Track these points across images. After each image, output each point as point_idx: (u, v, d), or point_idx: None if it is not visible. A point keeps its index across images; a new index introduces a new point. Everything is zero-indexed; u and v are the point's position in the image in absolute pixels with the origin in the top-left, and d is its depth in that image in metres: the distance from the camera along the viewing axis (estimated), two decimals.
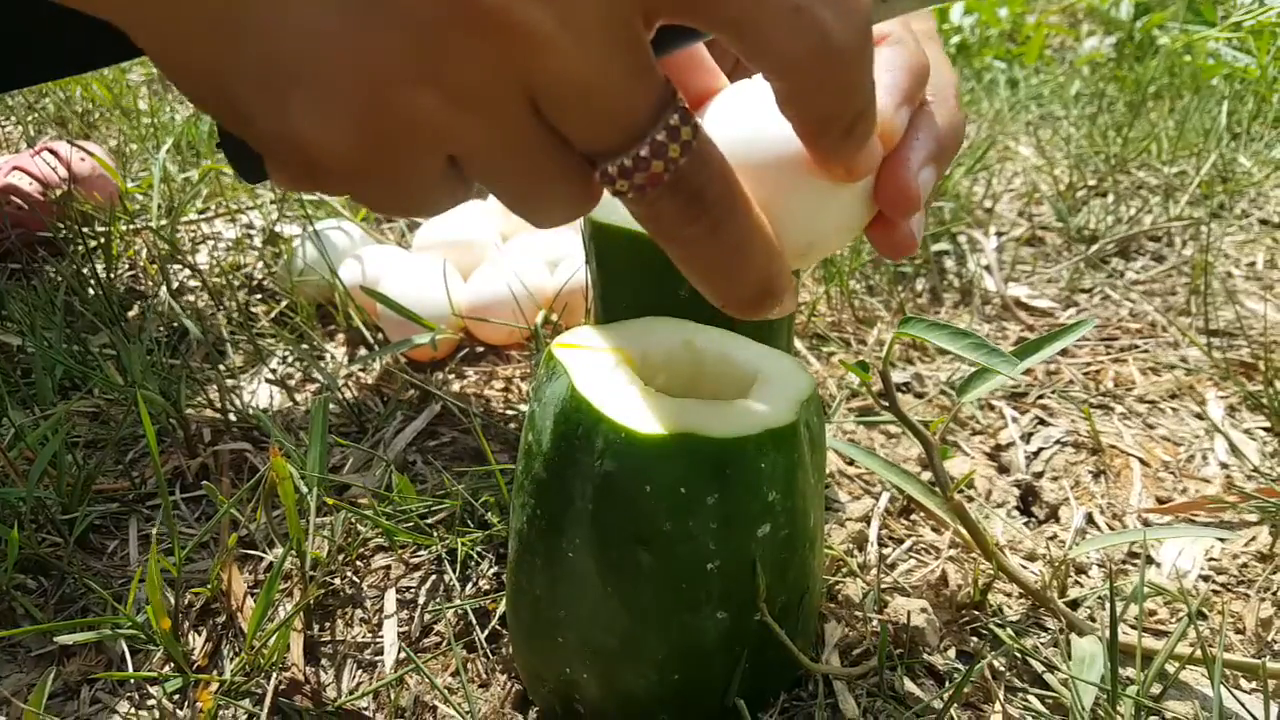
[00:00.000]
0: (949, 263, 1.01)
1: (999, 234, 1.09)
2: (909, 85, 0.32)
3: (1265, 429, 0.72)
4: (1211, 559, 0.59)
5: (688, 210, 0.27)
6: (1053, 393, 0.77)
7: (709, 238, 0.28)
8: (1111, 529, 0.62)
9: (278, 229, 1.00)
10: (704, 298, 0.53)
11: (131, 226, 0.99)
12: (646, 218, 0.28)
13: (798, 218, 0.31)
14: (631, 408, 0.37)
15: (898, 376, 0.80)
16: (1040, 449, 0.70)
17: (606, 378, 0.39)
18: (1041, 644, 0.51)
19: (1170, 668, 0.47)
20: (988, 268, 0.99)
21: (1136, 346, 0.85)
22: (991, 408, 0.75)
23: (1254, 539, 0.60)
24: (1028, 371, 0.80)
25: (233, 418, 0.68)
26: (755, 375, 0.42)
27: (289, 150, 0.26)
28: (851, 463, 0.66)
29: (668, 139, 0.26)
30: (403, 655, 0.50)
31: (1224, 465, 0.68)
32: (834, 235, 0.33)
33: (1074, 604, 0.54)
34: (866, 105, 0.28)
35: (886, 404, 0.50)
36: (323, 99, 0.24)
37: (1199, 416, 0.74)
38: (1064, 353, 0.83)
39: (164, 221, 0.99)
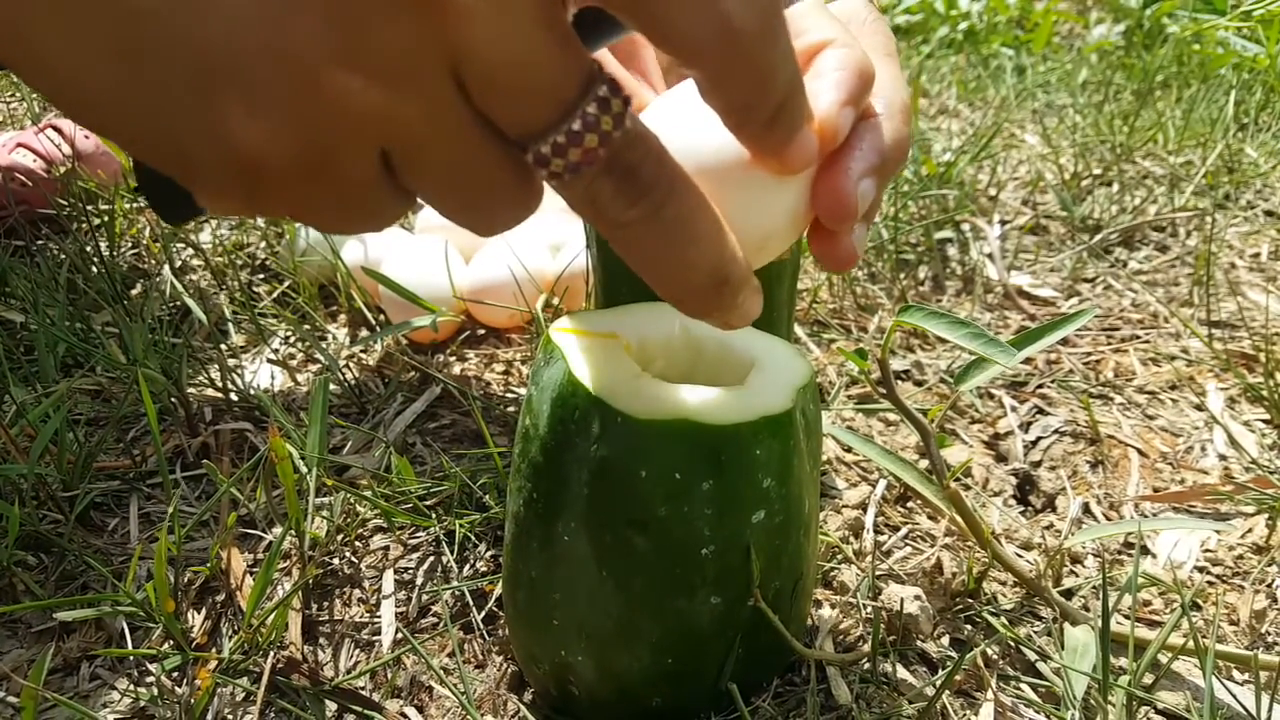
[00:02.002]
0: (952, 250, 1.01)
1: (1003, 222, 1.08)
2: (853, 86, 0.31)
3: (1265, 421, 0.72)
4: (1207, 550, 0.59)
5: (626, 191, 0.27)
6: (1053, 382, 0.77)
7: (651, 221, 0.27)
8: (1108, 519, 0.62)
9: None
10: None
11: (135, 204, 0.99)
12: (584, 203, 0.27)
13: (747, 212, 0.31)
14: (628, 393, 0.37)
15: (898, 364, 0.80)
16: (1039, 438, 0.70)
17: (604, 363, 0.39)
18: (1035, 633, 0.51)
19: (1163, 658, 0.48)
20: (990, 256, 0.99)
21: (1138, 337, 0.85)
22: (991, 396, 0.75)
23: (1250, 531, 0.60)
24: (1028, 360, 0.80)
25: (234, 397, 0.69)
26: (752, 361, 0.42)
27: (223, 163, 0.25)
28: (849, 450, 0.66)
29: (599, 110, 0.25)
30: (400, 635, 0.50)
31: (1222, 457, 0.68)
32: (787, 229, 0.32)
33: (1068, 593, 0.54)
34: (787, 94, 0.27)
35: (884, 392, 0.50)
36: (251, 94, 0.23)
37: (1198, 408, 0.74)
38: (1065, 342, 0.83)
39: None
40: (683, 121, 0.31)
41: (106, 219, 0.92)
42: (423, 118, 0.25)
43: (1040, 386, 0.76)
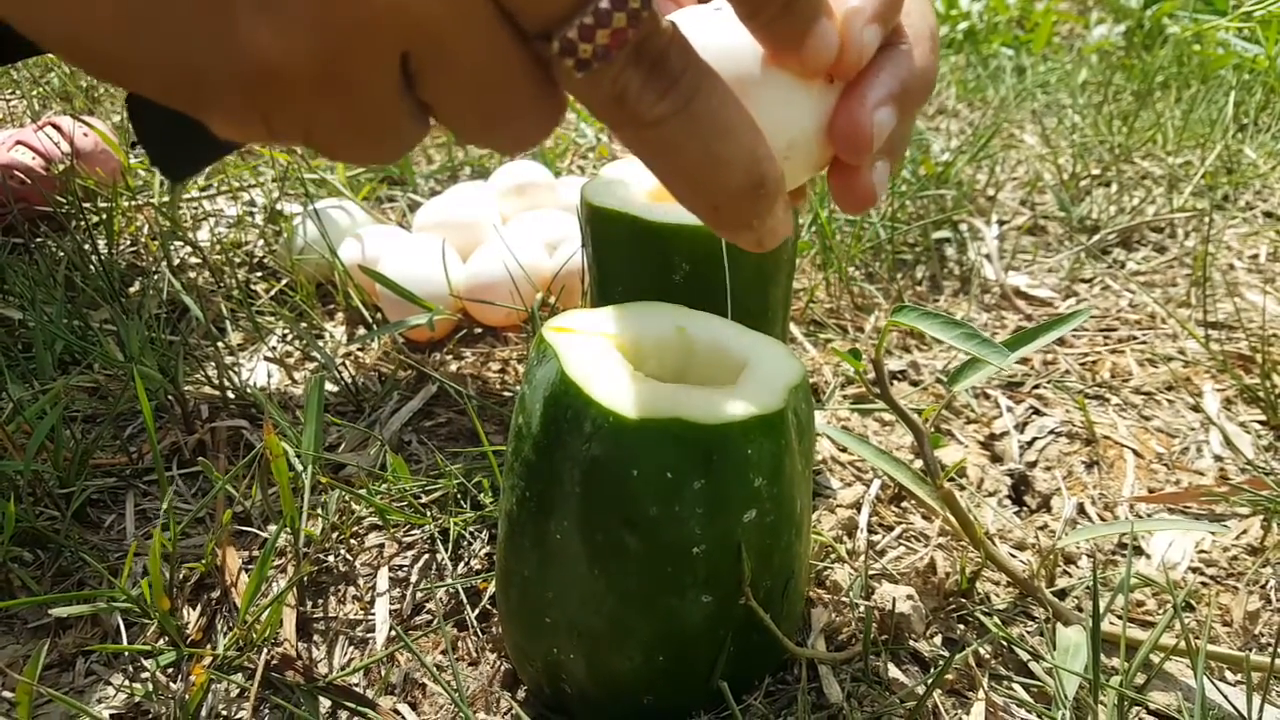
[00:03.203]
0: (949, 250, 1.01)
1: (1001, 222, 1.08)
2: (881, 3, 0.29)
3: (1261, 422, 0.72)
4: (1202, 551, 0.59)
5: (655, 81, 0.25)
6: (1049, 383, 0.77)
7: (683, 115, 0.26)
8: (1103, 520, 0.62)
9: (279, 207, 1.00)
10: (700, 282, 0.53)
11: (133, 202, 1.00)
12: (611, 101, 0.26)
13: (769, 115, 0.29)
14: (620, 392, 0.38)
15: (895, 365, 0.80)
16: (1034, 439, 0.70)
17: (596, 362, 0.39)
18: (1028, 633, 0.51)
19: (1155, 659, 0.48)
20: (988, 256, 0.99)
21: (1135, 338, 0.85)
22: (987, 397, 0.75)
23: (1245, 532, 0.60)
24: (1025, 361, 0.81)
25: (230, 395, 0.69)
26: (745, 361, 0.43)
27: (237, 77, 0.24)
28: (844, 449, 0.66)
29: None
30: (394, 633, 0.51)
31: (1218, 458, 0.68)
32: (810, 142, 0.30)
33: (1062, 594, 0.54)
34: None
35: (879, 392, 0.50)
36: (268, 1, 0.23)
37: (1195, 409, 0.74)
38: (1061, 343, 0.84)
39: (166, 198, 1.00)
40: (700, 25, 0.30)
41: (105, 216, 0.92)
42: (445, 11, 0.24)
43: (1037, 387, 0.77)
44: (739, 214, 0.28)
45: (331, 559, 0.55)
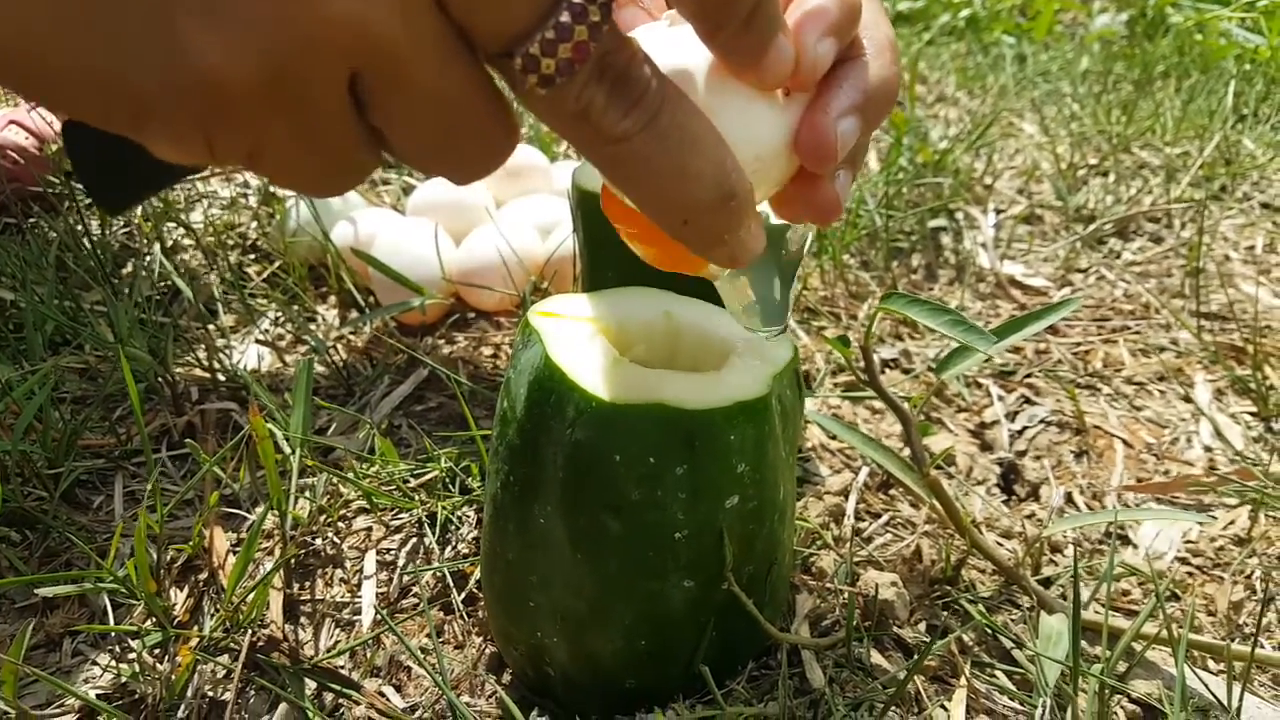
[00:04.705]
0: (945, 239, 1.01)
1: (997, 211, 1.08)
2: (835, 17, 0.29)
3: (1251, 414, 0.72)
4: (1189, 541, 0.59)
5: (620, 97, 0.25)
6: (1040, 372, 0.77)
7: (649, 129, 0.26)
8: (1091, 509, 0.62)
9: (272, 189, 1.00)
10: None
11: None
12: (576, 118, 0.25)
13: (735, 129, 0.29)
14: (603, 377, 0.38)
15: (887, 353, 0.80)
16: (1024, 428, 0.70)
17: (581, 347, 0.39)
18: (1012, 620, 0.51)
19: (1137, 647, 0.48)
20: (984, 245, 0.99)
21: (1128, 328, 0.85)
22: (978, 385, 0.75)
23: (1232, 523, 0.60)
24: (1017, 350, 0.81)
25: (221, 377, 0.69)
26: (732, 347, 0.42)
27: (179, 92, 0.23)
28: (834, 437, 0.66)
29: (585, 1, 0.24)
30: (380, 616, 0.51)
31: (1208, 449, 0.68)
32: (775, 156, 0.30)
33: (1047, 582, 0.54)
34: None
35: (867, 379, 0.50)
36: (214, 10, 0.22)
37: (1186, 400, 0.74)
38: (1054, 332, 0.83)
39: None
40: (656, 41, 0.30)
41: None
42: (399, 29, 0.23)
43: (1028, 376, 0.77)
44: (710, 228, 0.28)
45: (319, 542, 0.56)
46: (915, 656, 0.48)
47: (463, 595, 0.52)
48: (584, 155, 0.27)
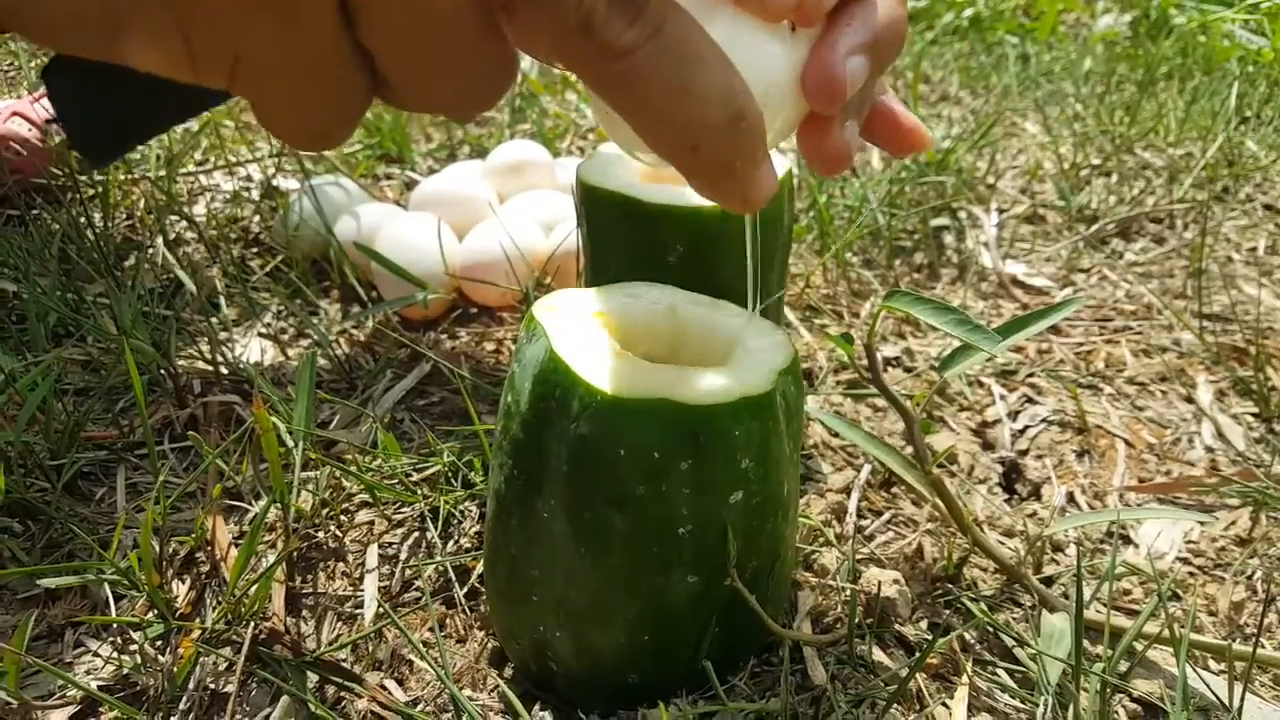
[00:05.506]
0: (948, 238, 1.01)
1: (1000, 210, 1.08)
2: None
3: (1253, 415, 0.72)
4: (1190, 542, 0.59)
5: (623, 6, 0.24)
6: (1043, 371, 0.77)
7: (654, 43, 0.25)
8: (1093, 508, 0.62)
9: (275, 183, 1.00)
10: (694, 263, 0.53)
11: (129, 176, 0.99)
12: (577, 31, 0.24)
13: (742, 60, 0.27)
14: (608, 372, 0.37)
15: (889, 351, 0.80)
16: (1026, 427, 0.70)
17: (586, 341, 0.39)
18: (1014, 619, 0.51)
19: (1139, 647, 0.48)
20: (986, 244, 0.99)
21: (1130, 328, 0.85)
22: (980, 384, 0.75)
23: (1234, 523, 0.60)
24: (1019, 349, 0.81)
25: (224, 370, 0.69)
26: (737, 343, 0.42)
27: None
28: (836, 434, 0.66)
29: None
30: (382, 610, 0.51)
31: (1209, 449, 0.68)
32: (786, 89, 0.30)
33: (1049, 581, 0.54)
34: None
35: (870, 376, 0.50)
36: None
37: (1188, 400, 0.74)
38: (1056, 331, 0.84)
39: (162, 172, 0.99)
40: None
41: (101, 189, 0.92)
42: None
43: (1031, 375, 0.77)
44: (720, 152, 0.27)
45: (321, 535, 0.56)
46: (917, 654, 0.48)
47: (465, 589, 0.52)
48: (584, 80, 0.26)
